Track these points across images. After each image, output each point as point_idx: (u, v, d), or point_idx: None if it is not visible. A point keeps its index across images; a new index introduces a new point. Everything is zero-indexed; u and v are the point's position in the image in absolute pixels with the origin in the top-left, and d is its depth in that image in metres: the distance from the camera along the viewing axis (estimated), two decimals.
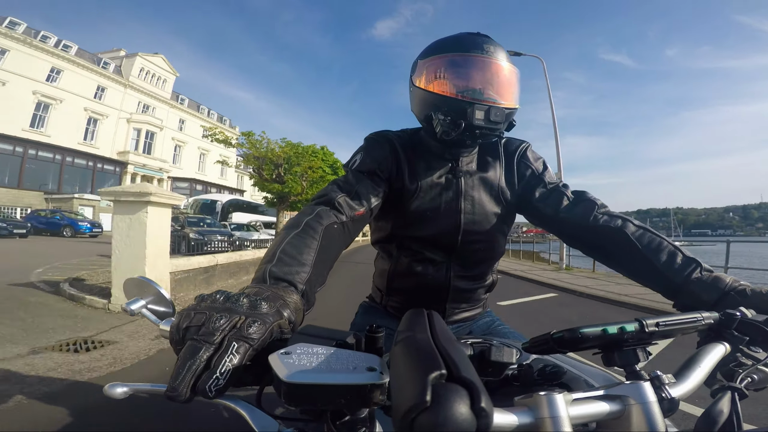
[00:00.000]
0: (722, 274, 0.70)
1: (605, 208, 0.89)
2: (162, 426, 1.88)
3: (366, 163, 0.92)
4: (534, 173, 0.98)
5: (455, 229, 0.94)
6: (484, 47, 0.86)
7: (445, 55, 0.88)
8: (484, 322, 1.08)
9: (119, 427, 1.87)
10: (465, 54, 0.86)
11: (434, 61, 0.89)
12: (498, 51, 0.87)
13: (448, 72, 0.87)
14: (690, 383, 0.42)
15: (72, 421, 1.91)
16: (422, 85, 0.91)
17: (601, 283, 7.76)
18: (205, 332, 0.38)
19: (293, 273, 0.58)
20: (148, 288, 0.53)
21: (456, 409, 0.25)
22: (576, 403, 0.35)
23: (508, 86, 0.88)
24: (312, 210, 0.76)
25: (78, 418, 1.95)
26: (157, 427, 1.87)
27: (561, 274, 9.48)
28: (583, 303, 6.11)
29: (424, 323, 0.38)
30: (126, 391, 0.40)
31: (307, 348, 0.36)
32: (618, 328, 0.42)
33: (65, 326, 3.65)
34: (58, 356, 2.85)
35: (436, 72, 0.89)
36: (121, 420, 1.90)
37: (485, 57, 0.86)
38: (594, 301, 6.27)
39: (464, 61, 0.87)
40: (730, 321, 0.50)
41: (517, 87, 0.89)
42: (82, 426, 1.88)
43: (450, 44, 0.89)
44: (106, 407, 2.00)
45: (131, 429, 1.86)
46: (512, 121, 0.93)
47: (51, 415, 1.94)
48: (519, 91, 0.90)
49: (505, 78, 0.87)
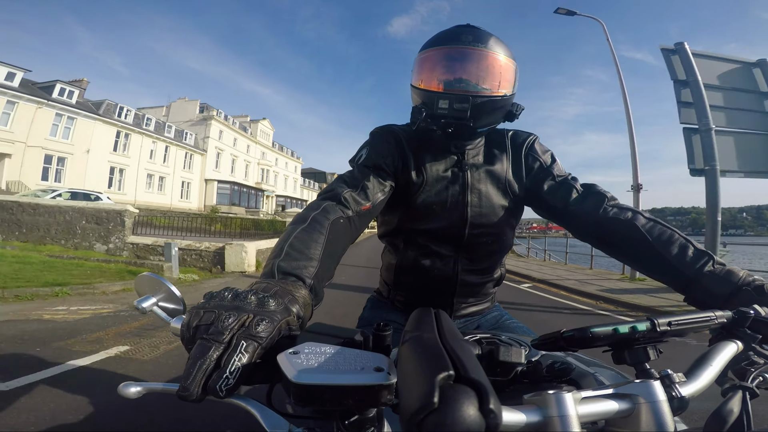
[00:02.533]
0: (735, 268, 0.68)
1: (615, 200, 0.88)
2: (173, 425, 1.91)
3: (371, 157, 0.92)
4: (542, 166, 0.98)
5: (462, 223, 0.94)
6: (462, 38, 0.86)
7: (426, 51, 0.91)
8: (492, 317, 1.08)
9: (130, 426, 1.90)
10: (441, 47, 0.89)
11: (418, 57, 0.93)
12: (480, 40, 0.86)
13: (425, 66, 0.91)
14: (701, 382, 0.41)
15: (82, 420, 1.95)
16: (411, 81, 0.95)
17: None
18: (214, 331, 0.38)
19: (301, 267, 0.59)
20: (159, 285, 0.54)
21: (464, 410, 0.25)
22: (585, 402, 0.34)
23: (488, 74, 0.86)
24: (318, 205, 0.76)
25: (89, 416, 1.98)
26: (168, 426, 1.90)
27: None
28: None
29: (431, 322, 0.38)
30: (140, 390, 0.41)
31: (314, 347, 0.36)
32: (629, 328, 0.42)
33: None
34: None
35: (418, 68, 0.93)
36: (132, 419, 1.93)
37: (461, 47, 0.86)
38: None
39: (440, 54, 0.89)
40: (744, 319, 0.49)
41: (505, 74, 0.88)
42: (94, 425, 1.92)
43: (433, 40, 0.91)
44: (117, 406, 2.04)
45: (142, 428, 1.89)
46: (513, 111, 0.93)
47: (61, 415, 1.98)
48: (510, 78, 0.89)
49: (485, 66, 0.86)
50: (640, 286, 7.16)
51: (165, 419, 1.94)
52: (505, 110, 0.92)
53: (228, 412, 1.95)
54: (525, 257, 14.96)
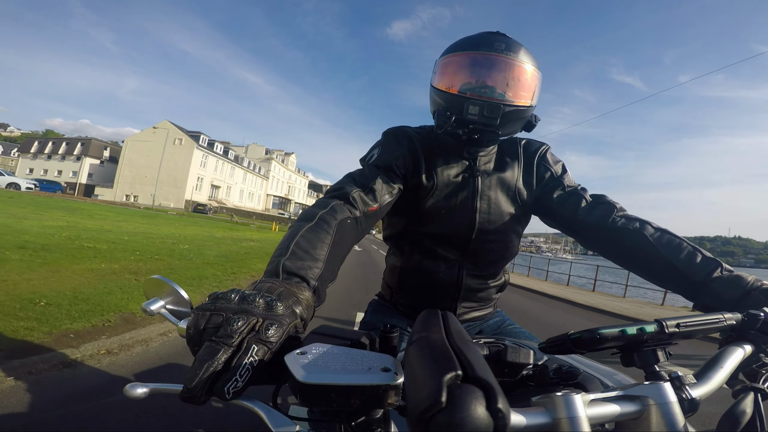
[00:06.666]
0: (744, 273, 0.68)
1: (624, 211, 0.88)
2: (177, 425, 1.91)
3: (383, 158, 0.92)
4: (553, 176, 0.98)
5: (470, 228, 0.93)
6: (495, 45, 0.86)
7: (455, 54, 0.90)
8: (495, 322, 1.07)
9: (134, 426, 1.90)
10: (472, 52, 0.88)
11: (445, 60, 0.92)
12: (512, 49, 0.86)
13: (453, 70, 0.90)
14: (711, 384, 0.41)
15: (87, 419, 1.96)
16: (434, 83, 0.93)
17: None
18: (223, 334, 0.38)
19: (306, 268, 0.59)
20: (166, 288, 0.54)
21: (472, 409, 0.25)
22: (594, 404, 0.34)
23: (518, 84, 0.87)
24: (326, 203, 0.76)
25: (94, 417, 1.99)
26: (172, 426, 1.90)
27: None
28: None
29: (438, 323, 0.38)
30: (145, 391, 0.41)
31: (322, 348, 0.36)
32: (637, 329, 0.41)
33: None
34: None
35: (444, 70, 0.92)
36: (137, 418, 1.93)
37: (492, 54, 0.86)
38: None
39: (470, 60, 0.88)
40: (754, 321, 0.49)
41: (531, 85, 0.88)
42: (99, 425, 1.92)
43: (462, 43, 0.90)
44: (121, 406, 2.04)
45: (146, 428, 1.89)
46: (532, 121, 0.94)
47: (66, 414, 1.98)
48: (535, 89, 0.89)
49: (515, 76, 0.86)
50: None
51: (170, 419, 1.94)
52: (525, 120, 0.92)
53: (233, 412, 1.94)
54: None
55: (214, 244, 10.04)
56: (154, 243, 8.36)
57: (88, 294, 3.70)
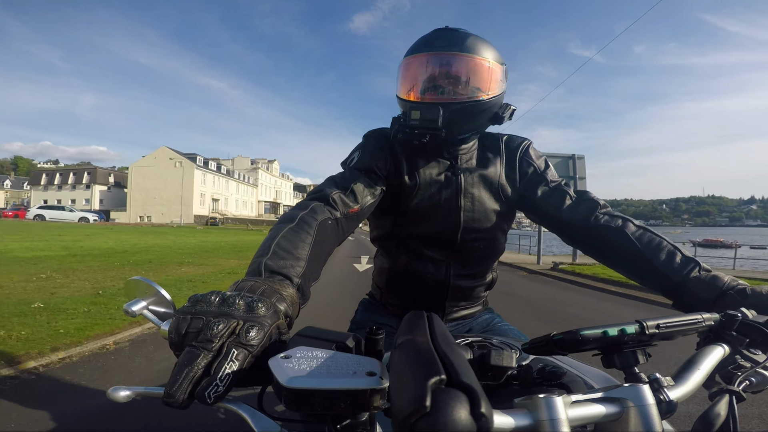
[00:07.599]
0: (721, 273, 0.70)
1: (607, 208, 0.89)
2: (162, 427, 1.89)
3: (364, 160, 0.92)
4: (536, 171, 0.98)
5: (455, 227, 0.94)
6: (435, 43, 0.86)
7: (404, 59, 0.92)
8: (484, 320, 1.08)
9: (120, 428, 1.88)
10: (416, 55, 0.89)
11: (399, 66, 0.93)
12: (454, 44, 0.85)
13: (402, 75, 0.92)
14: (689, 385, 0.42)
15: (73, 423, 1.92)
16: (396, 90, 0.95)
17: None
18: (203, 338, 0.37)
19: (288, 267, 0.58)
20: (148, 289, 0.53)
21: (456, 414, 0.25)
22: (575, 405, 0.35)
23: (464, 78, 0.85)
24: (306, 205, 0.76)
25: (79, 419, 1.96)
26: (157, 428, 1.88)
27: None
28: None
29: (423, 326, 0.38)
30: (129, 394, 0.40)
31: (306, 351, 0.36)
32: (618, 330, 0.42)
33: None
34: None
35: (397, 76, 0.94)
36: (122, 421, 1.91)
37: (432, 54, 0.86)
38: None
39: (414, 63, 0.89)
40: (731, 322, 0.50)
41: (484, 76, 0.86)
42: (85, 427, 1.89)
43: (411, 47, 0.91)
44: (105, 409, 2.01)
45: (132, 429, 1.87)
46: (499, 113, 0.92)
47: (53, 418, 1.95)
48: (490, 80, 0.87)
49: (459, 70, 0.85)
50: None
51: (156, 420, 1.92)
52: (489, 113, 0.91)
53: (220, 412, 1.93)
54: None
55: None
56: (234, 248, 12.08)
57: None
